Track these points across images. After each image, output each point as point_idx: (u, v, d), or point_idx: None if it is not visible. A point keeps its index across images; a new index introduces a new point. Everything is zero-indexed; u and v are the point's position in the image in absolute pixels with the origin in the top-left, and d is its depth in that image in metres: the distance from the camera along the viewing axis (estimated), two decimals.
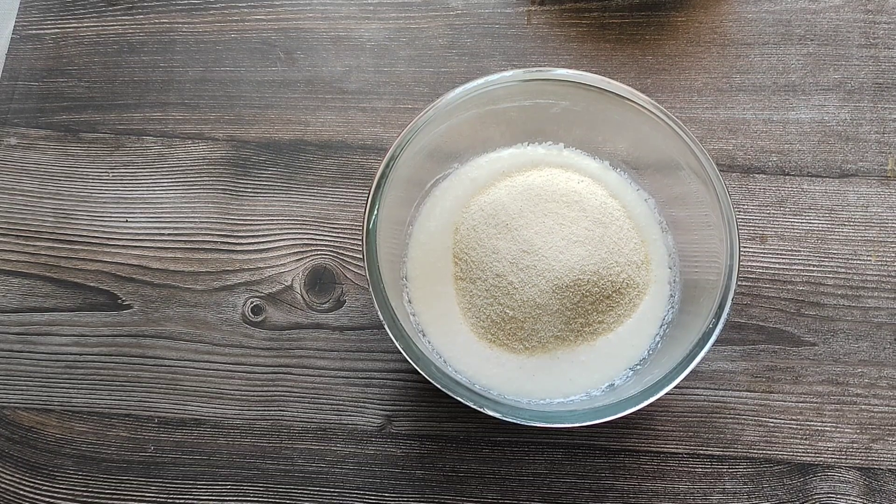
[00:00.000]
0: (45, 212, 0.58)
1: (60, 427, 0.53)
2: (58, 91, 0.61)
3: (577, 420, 0.43)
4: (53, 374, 0.54)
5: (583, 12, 0.62)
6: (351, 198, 0.58)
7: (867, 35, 0.60)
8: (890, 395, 0.53)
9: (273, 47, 0.62)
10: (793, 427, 0.52)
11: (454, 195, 0.52)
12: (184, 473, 0.52)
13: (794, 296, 0.55)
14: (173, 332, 0.55)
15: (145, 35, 0.62)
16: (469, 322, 0.50)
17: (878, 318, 0.54)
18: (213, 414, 0.53)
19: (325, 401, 0.53)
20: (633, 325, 0.50)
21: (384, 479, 0.52)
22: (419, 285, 0.51)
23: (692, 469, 0.52)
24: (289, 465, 0.52)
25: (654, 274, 0.51)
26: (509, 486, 0.52)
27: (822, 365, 0.53)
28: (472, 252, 0.50)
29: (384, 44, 0.61)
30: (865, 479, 0.51)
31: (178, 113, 0.60)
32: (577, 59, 0.61)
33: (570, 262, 0.48)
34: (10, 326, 0.55)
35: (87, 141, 0.60)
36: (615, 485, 0.51)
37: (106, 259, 0.57)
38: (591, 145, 0.53)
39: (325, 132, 0.59)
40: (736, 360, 0.53)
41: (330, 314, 0.55)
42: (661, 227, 0.52)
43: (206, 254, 0.56)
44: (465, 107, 0.48)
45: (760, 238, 0.56)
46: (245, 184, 0.58)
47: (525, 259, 0.48)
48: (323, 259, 0.56)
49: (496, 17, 0.62)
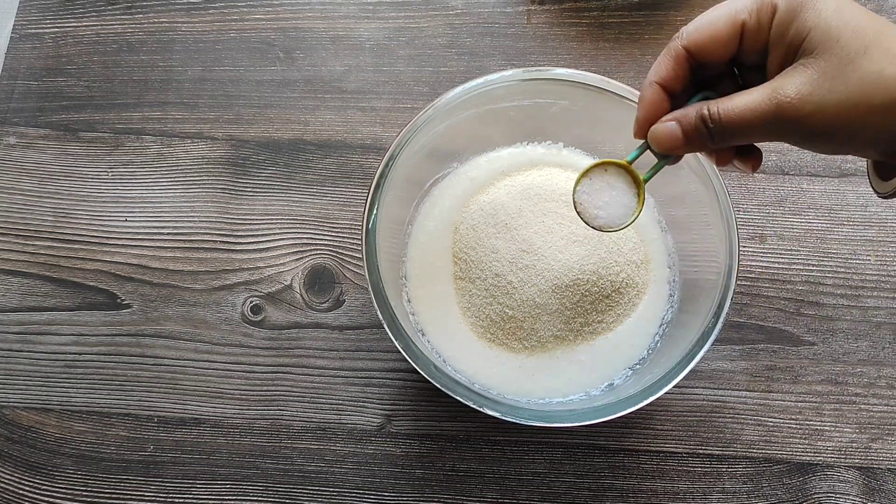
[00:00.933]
0: (44, 211, 0.58)
1: (60, 426, 0.53)
2: (57, 90, 0.61)
3: (577, 419, 0.43)
4: (53, 373, 0.54)
5: (582, 12, 0.62)
6: (350, 197, 0.58)
7: None
8: (889, 395, 0.53)
9: (272, 47, 0.62)
10: (792, 426, 0.52)
11: (453, 194, 0.52)
12: (183, 473, 0.52)
13: (794, 295, 0.55)
14: (173, 332, 0.55)
15: (144, 34, 0.62)
16: (468, 321, 0.50)
17: (878, 318, 0.54)
18: (213, 413, 0.53)
19: (325, 400, 0.53)
20: (632, 325, 0.50)
21: (384, 479, 0.52)
22: (418, 285, 0.51)
23: (691, 468, 0.52)
24: (288, 464, 0.52)
25: (653, 273, 0.51)
26: (509, 485, 0.52)
27: (821, 364, 0.53)
28: (472, 251, 0.50)
29: (384, 43, 0.61)
30: (864, 478, 0.51)
31: (178, 112, 0.60)
32: (576, 58, 0.61)
33: (570, 261, 0.48)
34: (9, 326, 0.55)
35: (87, 140, 0.59)
36: (614, 484, 0.51)
37: (105, 258, 0.56)
38: (591, 144, 0.53)
39: (324, 132, 0.59)
40: (735, 359, 0.53)
41: (329, 313, 0.55)
42: (661, 226, 0.52)
43: (205, 253, 0.56)
44: (464, 106, 0.48)
45: (760, 237, 0.56)
46: (244, 183, 0.58)
47: (524, 258, 0.48)
48: (322, 258, 0.56)
49: (496, 17, 0.62)
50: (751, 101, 0.33)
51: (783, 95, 0.32)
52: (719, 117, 0.34)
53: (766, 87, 0.33)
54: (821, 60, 0.32)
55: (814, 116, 0.32)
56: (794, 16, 0.32)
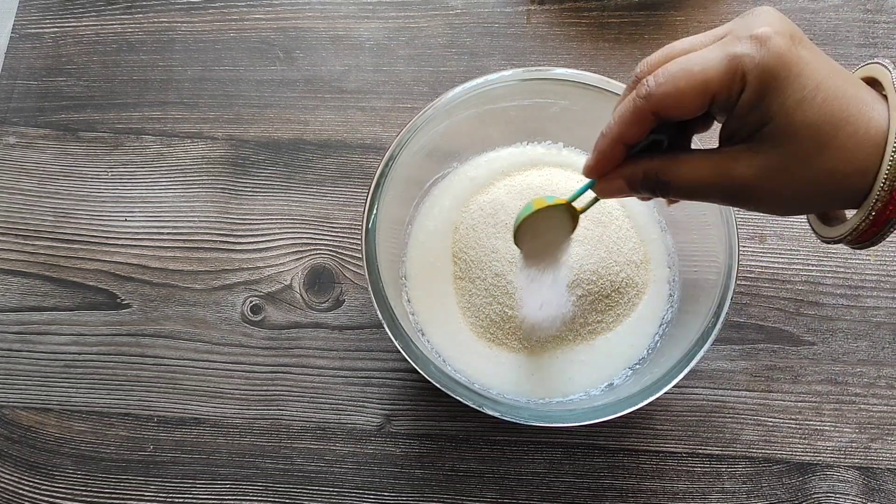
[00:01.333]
0: (44, 211, 0.58)
1: (59, 426, 0.53)
2: (57, 90, 0.61)
3: (576, 419, 0.43)
4: (52, 373, 0.54)
5: (582, 11, 0.62)
6: (350, 197, 0.58)
7: (866, 34, 0.60)
8: (889, 395, 0.53)
9: (272, 46, 0.62)
10: (792, 426, 0.52)
11: (453, 194, 0.52)
12: (183, 472, 0.52)
13: (794, 295, 0.55)
14: (172, 332, 0.55)
15: (144, 34, 0.62)
16: (468, 321, 0.50)
17: (877, 318, 0.54)
18: (213, 413, 0.53)
19: (325, 400, 0.53)
20: (632, 325, 0.50)
21: (383, 479, 0.52)
22: (418, 284, 0.51)
23: (691, 468, 0.52)
24: (288, 464, 0.52)
25: (653, 273, 0.51)
26: (508, 485, 0.52)
27: (821, 364, 0.53)
28: (472, 251, 0.50)
29: (383, 43, 0.61)
30: (864, 478, 0.51)
31: (177, 112, 0.60)
32: (576, 58, 0.61)
33: (569, 261, 0.47)
34: (9, 326, 0.55)
35: (86, 140, 0.59)
36: (614, 484, 0.51)
37: (105, 258, 0.56)
38: (590, 144, 0.52)
39: (324, 131, 0.59)
40: (735, 359, 0.53)
41: (329, 313, 0.55)
42: (661, 226, 0.52)
43: (205, 253, 0.56)
44: (464, 106, 0.48)
45: (759, 237, 0.56)
46: (244, 183, 0.58)
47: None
48: (322, 258, 0.56)
49: (496, 17, 0.62)
50: (701, 173, 0.34)
51: (733, 175, 0.33)
52: (667, 183, 0.35)
53: (715, 160, 0.34)
54: (773, 154, 0.32)
55: (761, 198, 0.33)
56: (759, 100, 0.31)
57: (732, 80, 0.31)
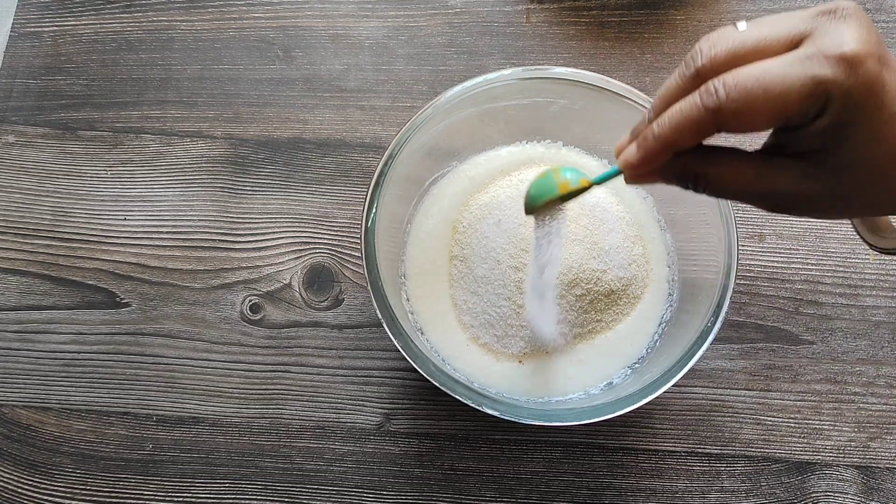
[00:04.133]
0: (43, 210, 0.58)
1: (59, 425, 0.53)
2: (56, 89, 0.61)
3: (576, 418, 0.43)
4: (52, 372, 0.54)
5: (582, 10, 0.62)
6: (349, 196, 0.58)
7: None
8: (888, 394, 0.53)
9: (271, 45, 0.61)
10: (791, 425, 0.52)
11: (453, 193, 0.52)
12: (182, 471, 0.52)
13: (793, 294, 0.55)
14: (171, 331, 0.55)
15: (143, 33, 0.62)
16: (467, 320, 0.50)
17: (877, 317, 0.54)
18: (212, 412, 0.53)
19: (324, 399, 0.53)
20: (631, 324, 0.50)
21: (382, 477, 0.52)
22: (417, 283, 0.51)
23: (690, 467, 0.52)
24: (287, 463, 0.52)
25: (652, 272, 0.51)
26: (507, 484, 0.52)
27: (820, 363, 0.53)
28: (471, 250, 0.50)
29: (383, 42, 0.61)
30: (863, 477, 0.51)
31: (177, 111, 0.60)
32: (575, 57, 0.61)
33: (569, 260, 0.47)
34: (8, 324, 0.55)
35: (86, 139, 0.59)
36: (613, 483, 0.51)
37: (104, 257, 0.56)
38: (590, 143, 0.53)
39: (323, 130, 0.59)
40: (734, 358, 0.53)
41: (328, 312, 0.55)
42: (660, 225, 0.52)
43: (204, 252, 0.56)
44: (463, 105, 0.48)
45: (759, 236, 0.56)
46: (243, 182, 0.58)
47: (523, 257, 0.48)
48: (321, 257, 0.56)
49: (495, 16, 0.62)
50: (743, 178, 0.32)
51: (776, 186, 0.31)
52: (706, 182, 0.33)
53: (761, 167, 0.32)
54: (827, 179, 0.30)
55: (801, 209, 0.32)
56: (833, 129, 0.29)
57: (813, 106, 0.28)
